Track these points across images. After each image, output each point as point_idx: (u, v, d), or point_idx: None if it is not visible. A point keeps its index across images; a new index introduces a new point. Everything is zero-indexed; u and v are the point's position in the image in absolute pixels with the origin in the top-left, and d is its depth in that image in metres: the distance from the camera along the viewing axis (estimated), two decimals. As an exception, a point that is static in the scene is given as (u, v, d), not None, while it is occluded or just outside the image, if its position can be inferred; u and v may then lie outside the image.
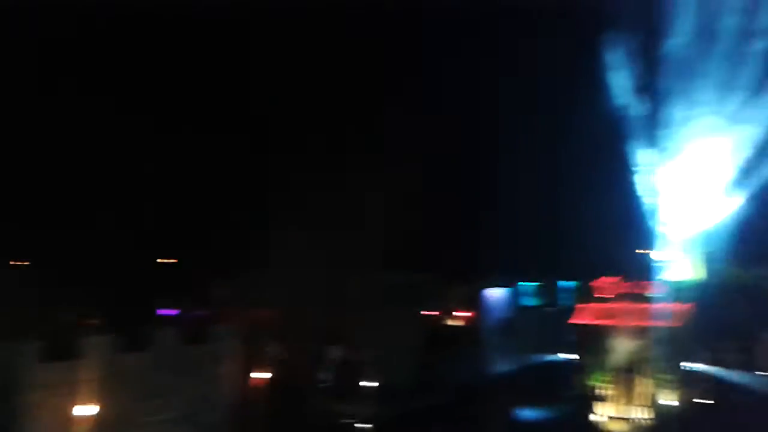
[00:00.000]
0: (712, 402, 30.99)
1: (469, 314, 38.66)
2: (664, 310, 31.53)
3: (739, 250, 32.28)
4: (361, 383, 31.99)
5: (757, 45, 29.99)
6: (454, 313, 38.72)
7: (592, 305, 34.02)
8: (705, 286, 31.85)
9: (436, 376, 34.53)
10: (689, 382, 31.48)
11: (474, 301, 38.60)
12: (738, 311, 30.71)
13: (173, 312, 30.10)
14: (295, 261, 29.79)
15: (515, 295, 40.06)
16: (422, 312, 37.16)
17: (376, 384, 32.43)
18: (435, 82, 31.14)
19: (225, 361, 30.34)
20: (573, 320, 34.79)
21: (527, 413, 35.17)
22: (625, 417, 32.76)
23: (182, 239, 29.61)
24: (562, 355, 36.17)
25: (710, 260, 32.38)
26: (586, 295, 34.82)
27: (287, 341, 30.12)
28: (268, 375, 30.76)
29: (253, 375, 30.78)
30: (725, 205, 32.14)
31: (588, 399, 34.10)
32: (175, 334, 28.39)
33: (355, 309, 31.01)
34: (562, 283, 39.79)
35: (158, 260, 31.08)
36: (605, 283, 33.96)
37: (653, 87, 31.87)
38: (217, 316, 30.25)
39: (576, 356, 35.31)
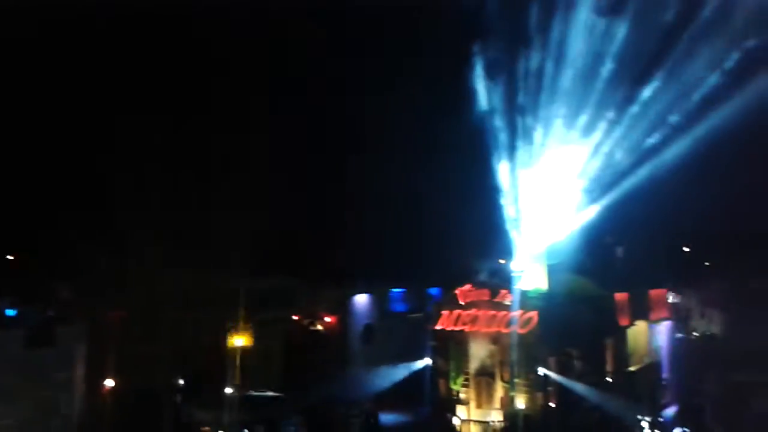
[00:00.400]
0: (554, 405, 33.03)
1: (334, 320, 38.92)
2: (518, 317, 33.08)
3: (586, 262, 34.60)
4: (221, 389, 31.41)
5: (616, 63, 32.14)
6: (318, 319, 38.82)
7: (453, 312, 35.08)
8: (554, 296, 33.75)
9: (299, 382, 34.48)
10: (539, 386, 33.19)
11: (339, 307, 38.89)
12: (583, 320, 32.80)
13: (15, 312, 28.53)
14: (156, 263, 28.94)
15: (382, 302, 40.69)
16: (286, 317, 37.07)
17: (236, 389, 31.97)
18: (299, 84, 31.29)
19: (74, 365, 29.12)
20: (435, 326, 35.78)
21: (390, 417, 35.93)
22: (482, 420, 34.04)
23: (28, 235, 28.12)
24: (426, 360, 37.05)
25: (560, 271, 34.37)
26: (448, 302, 35.84)
27: (143, 345, 29.17)
28: (122, 380, 29.72)
29: (104, 379, 29.66)
30: (575, 219, 34.32)
31: (448, 402, 35.23)
32: (17, 335, 27.00)
33: (216, 313, 30.51)
34: (429, 290, 40.65)
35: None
36: (466, 291, 35.10)
37: (515, 101, 33.50)
38: (65, 317, 28.92)
39: (438, 361, 36.31)
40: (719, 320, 37.82)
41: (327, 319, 38.87)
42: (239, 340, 31.47)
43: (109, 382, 29.50)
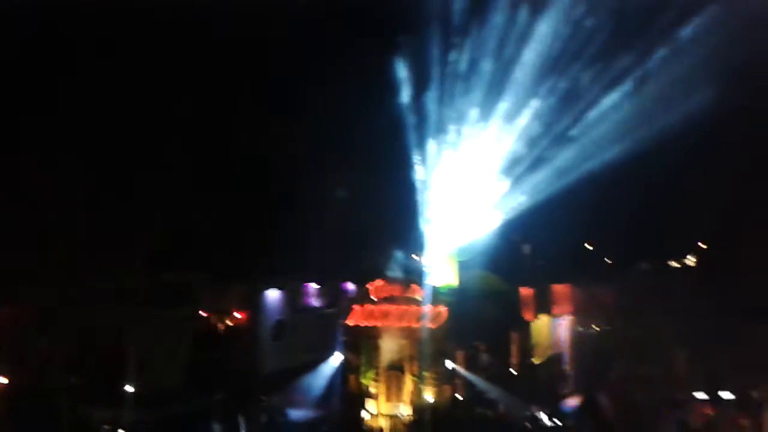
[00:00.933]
0: (461, 397, 33.83)
1: (243, 315, 38.19)
2: (429, 312, 33.56)
3: (494, 258, 35.41)
4: (122, 386, 30.29)
5: (544, 54, 32.36)
6: (227, 314, 38.01)
7: (365, 307, 35.22)
8: (464, 291, 34.43)
9: (205, 378, 33.69)
10: (447, 379, 33.86)
11: (249, 302, 38.15)
12: (490, 315, 33.67)
13: None
14: (53, 259, 27.49)
15: (295, 297, 40.21)
16: (193, 312, 36.10)
17: (139, 387, 30.90)
18: (203, 79, 30.46)
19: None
20: (346, 321, 35.79)
21: (299, 413, 35.66)
22: (391, 413, 34.36)
23: None
24: (338, 356, 36.99)
25: (469, 267, 35.08)
26: (360, 297, 35.94)
27: (36, 343, 27.76)
28: (13, 379, 28.17)
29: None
30: (486, 217, 35.00)
31: (358, 397, 35.33)
32: None
33: (117, 309, 29.34)
34: (344, 285, 40.50)
35: None
36: (379, 286, 35.30)
37: (430, 95, 33.55)
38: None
39: (349, 356, 36.32)
40: (618, 315, 39.43)
41: (237, 315, 38.11)
42: (142, 337, 30.43)
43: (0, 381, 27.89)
